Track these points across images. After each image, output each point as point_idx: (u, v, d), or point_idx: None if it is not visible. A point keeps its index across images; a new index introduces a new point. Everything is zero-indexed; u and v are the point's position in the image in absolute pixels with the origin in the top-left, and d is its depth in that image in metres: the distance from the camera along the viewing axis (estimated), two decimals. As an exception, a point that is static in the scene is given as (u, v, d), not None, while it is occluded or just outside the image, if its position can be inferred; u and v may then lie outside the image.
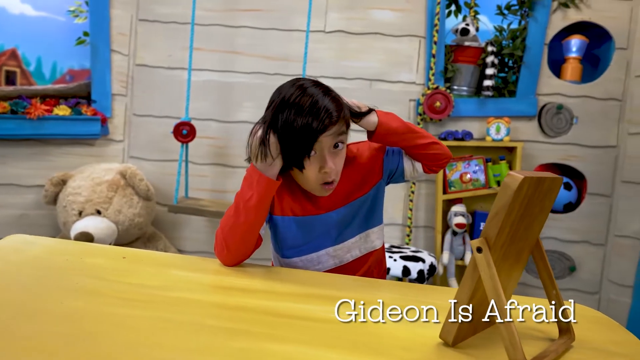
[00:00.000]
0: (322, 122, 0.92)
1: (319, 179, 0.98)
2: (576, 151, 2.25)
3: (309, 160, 0.96)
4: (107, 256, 0.93)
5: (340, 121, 0.95)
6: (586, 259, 2.27)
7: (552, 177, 0.69)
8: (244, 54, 2.34)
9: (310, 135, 0.92)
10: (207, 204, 2.14)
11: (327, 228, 1.06)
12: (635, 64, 2.18)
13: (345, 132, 0.99)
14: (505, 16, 2.29)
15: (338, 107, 0.96)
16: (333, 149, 0.97)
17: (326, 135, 0.94)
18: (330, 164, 0.96)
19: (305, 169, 0.97)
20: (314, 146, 0.94)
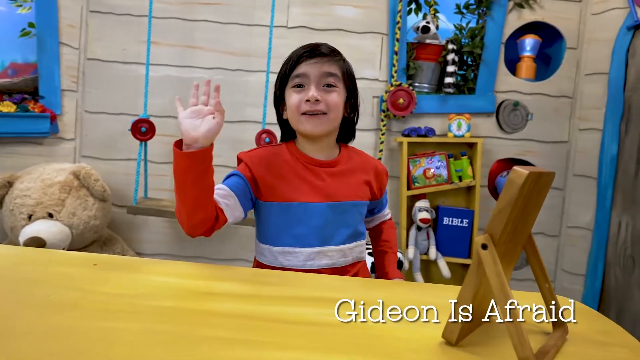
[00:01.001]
0: (309, 49, 1.00)
1: (301, 108, 1.00)
2: (531, 146, 2.33)
3: (296, 91, 1.00)
4: (75, 264, 0.86)
5: (331, 60, 1.01)
6: (542, 250, 2.34)
7: (548, 172, 0.70)
8: (203, 49, 2.26)
9: (296, 58, 1.00)
10: (169, 204, 2.06)
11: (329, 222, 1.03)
12: (584, 63, 2.29)
13: (339, 78, 1.02)
14: (464, 15, 2.34)
15: (333, 49, 1.03)
16: (323, 87, 1.00)
17: (312, 63, 0.99)
18: (312, 93, 0.98)
19: (290, 97, 1.01)
20: (301, 77, 0.99)
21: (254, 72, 2.27)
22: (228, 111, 2.25)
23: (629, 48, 2.12)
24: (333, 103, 1.00)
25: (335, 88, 1.01)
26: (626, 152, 2.12)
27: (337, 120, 1.05)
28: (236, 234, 2.30)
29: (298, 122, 1.02)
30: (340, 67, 1.03)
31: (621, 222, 2.13)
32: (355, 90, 1.08)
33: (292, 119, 1.03)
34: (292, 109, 1.01)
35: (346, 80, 1.04)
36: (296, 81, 1.01)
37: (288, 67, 1.02)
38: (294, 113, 1.02)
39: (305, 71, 0.99)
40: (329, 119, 1.01)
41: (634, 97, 2.10)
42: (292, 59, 1.01)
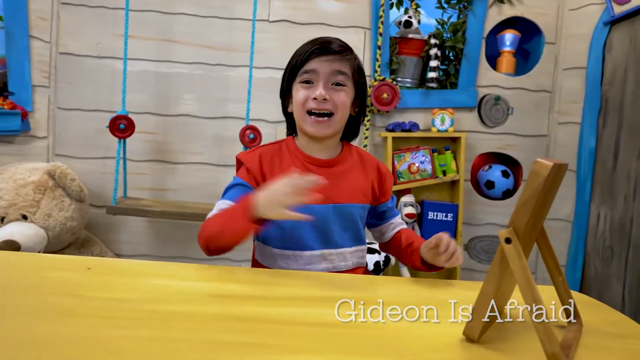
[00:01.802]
0: (320, 46, 0.96)
1: (307, 105, 0.97)
2: (512, 140, 2.36)
3: (304, 86, 0.97)
4: (68, 268, 0.81)
5: (342, 58, 0.97)
6: (523, 242, 2.40)
7: (564, 163, 0.69)
8: (182, 43, 2.19)
9: (305, 54, 0.96)
10: (150, 203, 1.99)
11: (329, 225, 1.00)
12: (562, 58, 2.33)
13: (349, 76, 0.98)
14: (445, 9, 2.34)
15: (344, 45, 0.99)
16: (331, 85, 0.97)
17: (321, 62, 0.96)
18: (320, 91, 0.95)
19: (297, 93, 0.97)
20: (309, 73, 0.96)
21: (235, 67, 2.22)
22: (209, 107, 2.24)
23: (606, 43, 2.17)
24: (340, 103, 0.98)
25: (344, 87, 0.99)
26: (604, 145, 2.17)
27: (343, 120, 1.02)
28: (219, 232, 2.25)
29: (302, 120, 0.99)
30: (351, 65, 1.00)
31: (600, 214, 2.18)
32: (365, 87, 1.05)
33: (297, 114, 1.00)
34: (298, 104, 0.99)
35: (356, 78, 1.01)
36: (305, 77, 0.98)
37: (298, 61, 0.98)
38: (299, 109, 0.99)
39: (315, 68, 0.96)
40: (335, 121, 0.98)
41: (611, 91, 2.15)
42: (303, 54, 0.98)
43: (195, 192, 2.23)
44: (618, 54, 2.12)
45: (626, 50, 2.08)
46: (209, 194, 2.23)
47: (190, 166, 2.23)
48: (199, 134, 2.22)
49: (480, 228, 2.37)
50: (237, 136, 2.07)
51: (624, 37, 2.09)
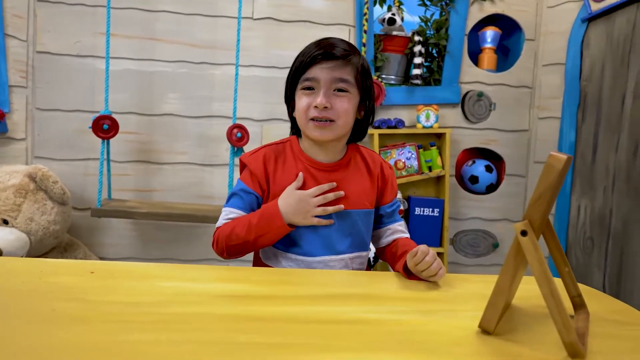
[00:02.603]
0: (323, 51, 0.94)
1: (309, 114, 0.95)
2: (495, 135, 2.40)
3: (306, 93, 0.96)
4: (71, 273, 0.79)
5: (344, 63, 0.95)
6: (507, 235, 2.45)
7: (571, 156, 0.70)
8: (165, 41, 2.15)
9: (307, 59, 0.94)
10: (136, 205, 1.95)
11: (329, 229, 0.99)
12: (541, 54, 2.38)
13: (351, 83, 0.96)
14: (428, 7, 2.36)
15: (349, 47, 0.96)
16: (334, 92, 0.95)
17: (322, 69, 0.94)
18: (320, 99, 0.93)
19: (300, 101, 0.96)
20: (310, 80, 0.94)
21: (220, 65, 2.19)
22: (193, 106, 2.21)
23: (584, 39, 2.23)
24: (343, 110, 0.95)
25: (346, 93, 0.96)
26: (583, 139, 2.23)
27: (347, 126, 0.99)
28: (205, 233, 2.22)
29: (305, 126, 0.98)
30: (354, 70, 0.97)
31: (580, 206, 2.24)
32: (371, 89, 1.02)
33: (300, 122, 0.99)
34: (300, 113, 0.97)
35: (359, 82, 0.98)
36: (306, 84, 0.96)
37: (300, 67, 0.96)
38: (301, 117, 0.97)
39: (316, 75, 0.94)
40: (337, 126, 0.96)
41: (589, 87, 2.21)
42: (305, 60, 0.95)
43: (181, 193, 2.20)
44: (595, 50, 2.18)
45: (603, 46, 2.14)
46: (194, 194, 2.20)
47: (176, 166, 2.19)
48: (184, 133, 2.19)
49: (465, 222, 2.41)
50: (223, 135, 2.04)
51: (601, 33, 2.15)
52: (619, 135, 2.08)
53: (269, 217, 0.94)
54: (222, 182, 2.18)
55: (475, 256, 2.43)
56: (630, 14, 2.03)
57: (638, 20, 2.01)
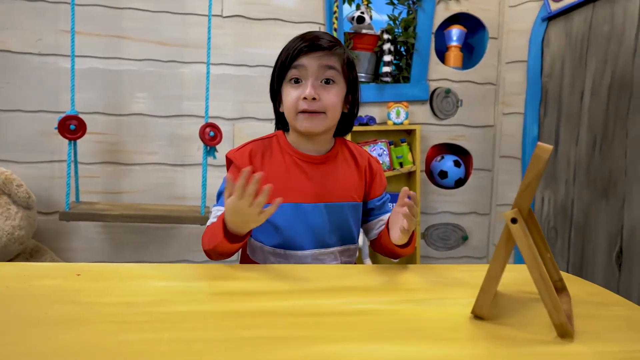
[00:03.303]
0: (309, 43, 0.94)
1: (297, 106, 0.95)
2: (462, 131, 2.47)
3: (293, 86, 0.95)
4: (56, 276, 0.77)
5: (330, 53, 0.95)
6: (475, 228, 2.52)
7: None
8: (132, 39, 2.10)
9: (293, 52, 0.93)
10: (106, 207, 1.90)
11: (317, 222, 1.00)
12: (504, 52, 2.46)
13: (339, 71, 0.97)
14: (395, 6, 2.40)
15: (333, 39, 0.97)
16: (322, 83, 0.95)
17: (310, 58, 0.94)
18: (309, 90, 0.93)
19: (288, 94, 0.95)
20: (297, 68, 0.94)
21: (189, 63, 2.16)
22: (163, 105, 2.17)
23: (544, 38, 2.32)
24: (331, 103, 0.96)
25: (334, 84, 0.96)
26: (545, 134, 2.33)
27: (335, 119, 1.00)
28: (179, 234, 2.19)
29: (294, 119, 0.97)
30: (341, 60, 0.97)
31: (544, 198, 2.34)
32: (356, 82, 1.03)
33: (289, 115, 0.98)
34: (289, 106, 0.96)
35: (346, 72, 0.99)
36: (293, 73, 0.95)
37: (286, 60, 0.95)
38: (290, 111, 0.97)
39: (303, 63, 0.94)
40: (327, 118, 0.97)
41: (550, 83, 2.30)
42: (290, 53, 0.95)
43: (152, 194, 2.15)
44: (555, 48, 2.27)
45: (562, 44, 2.24)
46: (166, 195, 2.16)
47: (146, 167, 2.15)
48: (154, 133, 2.14)
49: (436, 216, 2.47)
50: (194, 135, 2.02)
51: (560, 32, 2.25)
52: (578, 130, 2.18)
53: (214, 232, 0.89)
54: (195, 183, 2.15)
55: (446, 249, 2.50)
56: (587, 13, 2.13)
57: (594, 19, 2.11)
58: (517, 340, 0.61)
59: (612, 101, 2.04)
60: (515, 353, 0.57)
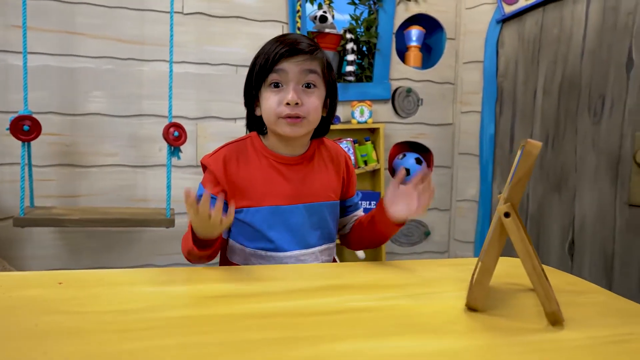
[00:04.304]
0: (289, 48, 0.92)
1: (279, 111, 0.94)
2: (423, 129, 2.53)
3: (274, 91, 0.95)
4: (36, 285, 0.72)
5: (311, 57, 0.94)
6: (437, 224, 2.59)
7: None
8: (87, 35, 2.01)
9: (272, 56, 0.92)
10: (65, 211, 1.81)
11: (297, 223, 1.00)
12: (462, 53, 2.54)
13: (319, 75, 0.96)
14: (357, 5, 2.43)
15: (312, 43, 0.96)
16: (303, 88, 0.95)
17: (291, 62, 0.93)
18: (292, 95, 0.93)
19: (268, 99, 0.95)
20: (278, 72, 0.93)
21: (149, 61, 2.09)
22: (121, 105, 2.10)
23: (499, 39, 2.42)
24: (313, 108, 0.95)
25: (315, 88, 0.96)
26: (501, 131, 2.43)
27: (316, 122, 1.00)
28: (141, 238, 2.12)
29: (275, 124, 0.96)
30: (322, 64, 0.97)
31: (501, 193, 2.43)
32: (335, 85, 1.03)
33: (269, 120, 0.97)
34: (270, 111, 0.95)
35: (326, 75, 0.99)
36: (274, 77, 0.94)
37: (267, 64, 0.94)
38: (271, 116, 0.95)
39: (284, 68, 0.93)
40: (308, 123, 0.97)
41: (504, 83, 2.40)
42: (271, 57, 0.93)
43: (111, 197, 2.07)
44: (509, 49, 2.37)
45: (516, 45, 2.34)
46: (127, 198, 2.09)
47: (104, 169, 2.06)
48: (112, 133, 2.06)
49: (399, 213, 2.51)
50: (155, 135, 1.96)
51: (514, 34, 2.35)
52: (532, 127, 2.29)
53: (187, 238, 0.93)
54: (157, 184, 2.09)
55: (409, 245, 2.55)
56: (538, 16, 2.24)
57: (545, 22, 2.22)
58: (513, 329, 0.63)
59: (562, 100, 2.15)
60: (515, 342, 0.59)
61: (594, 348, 0.58)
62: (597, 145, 2.00)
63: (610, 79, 1.97)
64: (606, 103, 1.99)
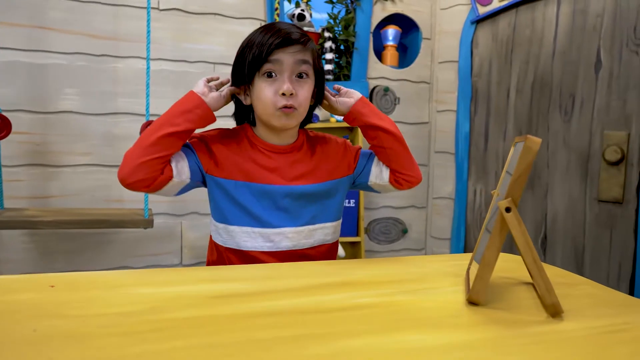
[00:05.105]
0: (281, 37, 0.94)
1: (275, 102, 0.96)
2: (400, 128, 2.50)
3: (267, 81, 0.96)
4: (27, 288, 0.69)
5: (304, 47, 0.96)
6: (414, 221, 2.63)
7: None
8: (59, 31, 1.94)
9: (267, 47, 0.93)
10: (37, 213, 1.74)
11: (289, 204, 1.01)
12: (437, 52, 2.58)
13: (311, 65, 0.98)
14: (334, 4, 2.43)
15: (303, 34, 0.98)
16: (296, 78, 0.96)
17: (286, 53, 0.95)
18: (287, 86, 0.94)
19: (263, 89, 0.95)
20: (273, 63, 0.94)
21: (124, 58, 2.04)
22: (95, 103, 2.04)
23: (473, 39, 2.47)
24: (304, 98, 0.98)
25: (307, 78, 0.98)
26: (476, 130, 2.48)
27: (305, 114, 1.03)
28: (117, 239, 2.06)
29: (272, 115, 0.98)
30: (313, 53, 1.00)
31: (476, 190, 2.49)
32: (323, 74, 1.05)
33: (264, 112, 0.98)
34: (266, 102, 0.96)
35: (317, 65, 1.01)
36: (268, 67, 0.95)
37: (262, 55, 0.94)
38: (267, 106, 0.97)
39: (279, 58, 0.94)
40: (299, 114, 0.99)
41: (479, 82, 2.45)
42: (265, 48, 0.94)
43: (85, 197, 2.01)
44: (483, 49, 2.42)
45: (489, 45, 2.39)
46: (101, 199, 2.03)
47: (77, 169, 2.00)
48: (86, 132, 2.00)
49: (378, 211, 2.53)
50: (131, 133, 1.92)
51: (487, 34, 2.40)
52: (505, 125, 2.34)
53: (185, 103, 0.97)
54: (133, 184, 2.04)
55: (388, 242, 2.58)
56: (510, 17, 2.29)
57: (517, 23, 2.28)
58: (516, 322, 0.65)
59: (534, 98, 2.22)
60: (519, 334, 0.61)
61: (595, 337, 0.60)
62: (567, 143, 2.07)
63: (580, 79, 2.04)
64: (576, 102, 2.06)
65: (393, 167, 1.08)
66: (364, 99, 1.07)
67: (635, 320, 0.65)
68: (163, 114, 0.95)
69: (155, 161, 0.90)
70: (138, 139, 0.93)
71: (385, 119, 1.07)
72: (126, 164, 0.91)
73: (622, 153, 1.88)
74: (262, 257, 1.01)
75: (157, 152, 0.90)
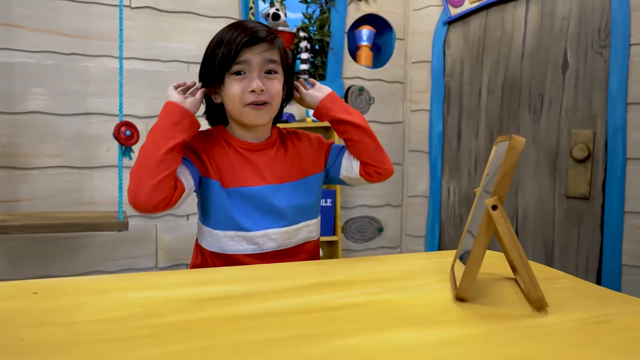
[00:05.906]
0: (248, 35, 0.95)
1: (244, 99, 0.97)
2: (375, 127, 2.55)
3: (237, 79, 0.96)
4: (8, 296, 0.67)
5: (271, 45, 0.98)
6: (389, 219, 2.66)
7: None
8: (25, 28, 1.88)
9: (235, 46, 0.94)
10: (5, 217, 1.68)
11: (270, 205, 1.01)
12: (411, 53, 2.62)
13: (279, 63, 1.00)
14: (309, 4, 2.43)
15: (270, 31, 1.00)
16: (265, 74, 0.98)
17: (254, 53, 0.96)
18: (257, 83, 0.96)
19: (232, 87, 0.96)
20: (242, 64, 0.96)
21: (94, 57, 1.98)
22: (65, 103, 1.99)
23: (445, 40, 2.51)
24: (275, 92, 1.00)
25: (276, 75, 1.00)
26: (449, 129, 2.52)
27: (278, 107, 1.04)
28: (91, 243, 2.01)
29: (240, 113, 0.99)
30: (281, 51, 1.02)
31: (450, 188, 2.53)
32: (291, 69, 1.07)
33: (234, 109, 1.00)
34: (235, 99, 0.98)
35: (284, 62, 1.02)
36: (237, 68, 0.97)
37: (231, 55, 0.95)
38: (236, 104, 0.98)
39: (248, 58, 0.96)
40: (272, 108, 1.01)
41: (451, 82, 2.50)
42: (233, 48, 0.94)
43: (56, 200, 1.95)
44: (455, 50, 2.47)
45: (461, 46, 2.44)
46: (73, 201, 1.97)
47: (47, 171, 1.94)
48: (56, 133, 1.94)
49: (354, 210, 2.55)
50: (104, 134, 1.88)
51: (459, 35, 2.45)
52: (477, 124, 2.40)
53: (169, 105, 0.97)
54: (105, 186, 1.99)
55: (364, 241, 2.60)
56: (481, 19, 2.35)
57: (488, 24, 2.33)
58: (504, 317, 0.67)
59: (505, 98, 2.28)
60: (509, 328, 0.62)
61: (582, 329, 0.62)
62: (537, 141, 2.14)
63: (548, 80, 2.11)
64: (545, 102, 2.13)
65: (364, 159, 1.09)
66: (334, 95, 1.07)
67: (616, 312, 0.68)
68: (150, 131, 0.93)
69: (167, 178, 0.90)
70: (139, 162, 0.91)
71: (354, 113, 1.08)
72: (140, 189, 0.88)
73: (588, 151, 1.95)
74: (246, 259, 1.00)
75: (167, 169, 0.90)
